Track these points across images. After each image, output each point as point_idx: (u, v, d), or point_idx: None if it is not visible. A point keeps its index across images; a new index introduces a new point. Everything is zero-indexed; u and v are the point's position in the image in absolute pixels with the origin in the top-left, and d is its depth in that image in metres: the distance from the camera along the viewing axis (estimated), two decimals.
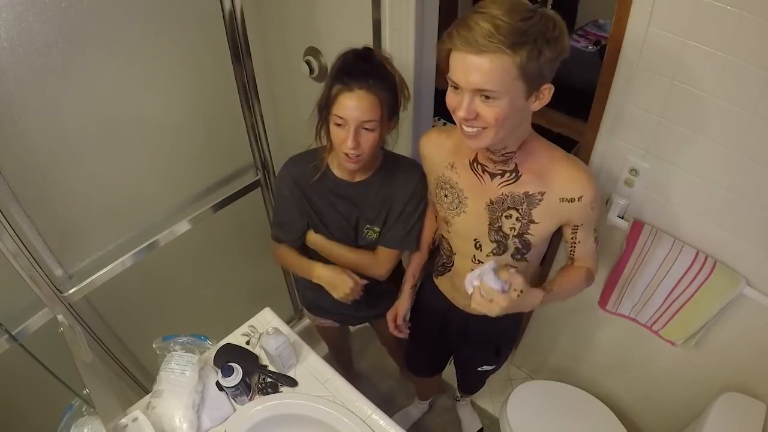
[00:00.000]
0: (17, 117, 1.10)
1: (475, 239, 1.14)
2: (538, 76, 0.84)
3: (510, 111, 0.86)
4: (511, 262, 1.14)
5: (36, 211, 1.20)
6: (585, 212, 1.04)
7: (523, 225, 1.06)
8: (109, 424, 1.04)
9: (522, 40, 0.79)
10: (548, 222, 1.06)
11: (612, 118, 1.22)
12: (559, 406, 1.65)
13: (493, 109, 0.86)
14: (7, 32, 1.01)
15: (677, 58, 1.04)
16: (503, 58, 0.80)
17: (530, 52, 0.80)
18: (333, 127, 1.10)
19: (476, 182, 1.08)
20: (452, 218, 1.15)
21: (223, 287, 1.90)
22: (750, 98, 0.99)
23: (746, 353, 1.31)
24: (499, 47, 0.79)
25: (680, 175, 1.19)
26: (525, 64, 0.81)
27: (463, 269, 1.21)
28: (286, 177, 1.27)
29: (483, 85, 0.83)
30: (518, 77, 0.83)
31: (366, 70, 1.07)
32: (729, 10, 0.93)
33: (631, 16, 1.06)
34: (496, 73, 0.81)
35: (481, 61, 0.81)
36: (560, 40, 0.84)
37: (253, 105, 1.50)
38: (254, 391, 1.21)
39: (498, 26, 0.78)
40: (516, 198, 1.04)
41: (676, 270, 1.26)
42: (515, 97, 0.85)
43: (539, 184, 1.02)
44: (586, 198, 1.01)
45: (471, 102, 0.87)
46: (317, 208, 1.27)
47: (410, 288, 1.40)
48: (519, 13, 0.80)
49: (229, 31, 1.34)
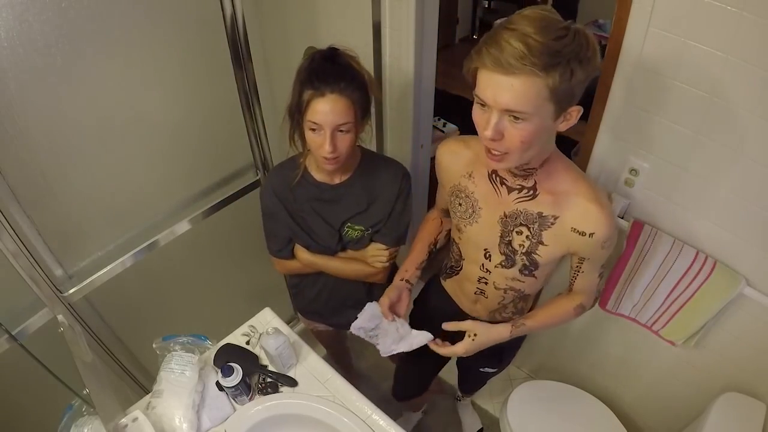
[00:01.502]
0: (17, 117, 1.10)
1: (486, 249, 1.13)
2: (569, 96, 0.82)
3: (537, 133, 0.84)
4: (518, 276, 1.12)
5: (36, 211, 1.20)
6: (595, 249, 1.01)
7: (532, 244, 1.04)
8: (109, 424, 1.04)
9: (555, 62, 0.76)
10: (557, 246, 1.03)
11: (612, 118, 1.22)
12: (559, 406, 1.65)
13: (520, 131, 0.83)
14: (7, 32, 1.01)
15: (677, 58, 1.04)
16: (535, 80, 0.77)
17: (563, 74, 0.77)
18: (308, 132, 1.10)
19: (493, 193, 1.05)
20: (464, 227, 1.13)
21: (223, 287, 1.90)
22: (750, 98, 0.99)
23: (746, 353, 1.31)
24: (532, 69, 0.76)
25: (680, 175, 1.19)
26: (557, 86, 0.78)
27: (472, 275, 1.20)
28: (268, 189, 1.29)
29: (513, 107, 0.80)
30: (548, 99, 0.80)
31: (335, 72, 1.06)
32: (729, 10, 0.93)
33: (631, 16, 1.06)
34: (528, 94, 0.79)
35: (512, 81, 0.78)
36: (593, 60, 0.80)
37: (253, 105, 1.50)
38: (254, 391, 1.21)
39: (530, 46, 0.75)
40: (529, 216, 1.02)
41: (676, 270, 1.26)
42: (544, 118, 0.83)
43: (554, 207, 0.99)
44: (598, 236, 0.97)
45: (499, 121, 0.83)
46: (300, 216, 1.28)
47: (401, 280, 1.25)
48: (552, 32, 0.76)
49: (229, 31, 1.34)
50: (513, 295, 1.19)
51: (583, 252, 1.03)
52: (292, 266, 1.39)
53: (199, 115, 1.47)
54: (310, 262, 1.33)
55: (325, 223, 1.27)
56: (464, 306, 1.32)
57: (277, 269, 1.43)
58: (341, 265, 1.32)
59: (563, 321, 1.17)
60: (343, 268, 1.33)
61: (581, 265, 1.07)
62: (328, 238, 1.28)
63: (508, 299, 1.21)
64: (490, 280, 1.18)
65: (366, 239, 1.29)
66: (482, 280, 1.19)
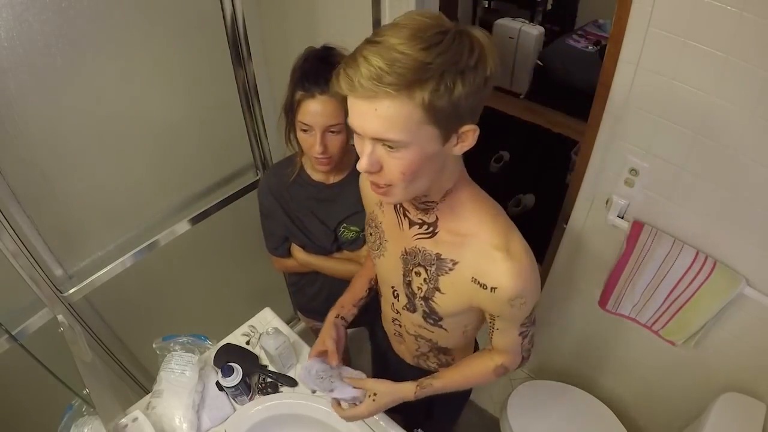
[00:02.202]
0: (17, 117, 1.10)
1: (393, 287, 1.00)
2: (454, 115, 0.67)
3: (420, 162, 0.70)
4: (424, 324, 0.98)
5: (36, 211, 1.21)
6: (501, 307, 0.82)
7: (429, 289, 0.89)
8: (109, 424, 1.04)
9: (422, 77, 0.62)
10: (456, 297, 0.87)
11: (612, 118, 1.22)
12: (559, 406, 1.65)
13: (398, 162, 0.69)
14: (7, 32, 1.01)
15: (677, 58, 1.04)
16: (401, 102, 0.63)
17: (435, 90, 0.63)
18: (300, 132, 1.11)
19: (396, 226, 0.92)
20: (375, 259, 1.02)
21: (223, 287, 1.90)
22: (750, 98, 0.99)
23: (746, 353, 1.31)
24: (389, 91, 0.62)
25: (680, 175, 1.19)
26: (431, 105, 0.64)
27: (387, 314, 1.10)
28: (264, 188, 1.29)
29: (383, 134, 0.66)
30: (425, 121, 0.65)
31: (326, 73, 1.04)
32: (729, 10, 0.93)
33: (631, 16, 1.06)
34: (396, 120, 0.64)
35: (374, 106, 0.64)
36: (481, 67, 0.65)
37: (253, 105, 1.50)
38: (254, 391, 1.21)
39: (393, 60, 0.61)
40: (427, 256, 0.87)
41: (676, 270, 1.26)
42: (426, 143, 0.68)
43: (454, 250, 0.83)
44: (502, 293, 0.79)
45: (373, 151, 0.70)
46: (296, 216, 1.28)
47: (336, 316, 1.10)
48: (422, 40, 0.62)
49: (229, 31, 1.34)
50: (428, 345, 1.06)
51: (489, 308, 0.85)
52: (289, 265, 1.39)
53: (199, 114, 1.47)
54: (306, 261, 1.34)
55: (321, 222, 1.27)
56: (393, 346, 1.21)
57: (275, 267, 1.44)
58: (336, 265, 1.33)
59: (481, 382, 1.01)
60: (338, 269, 1.33)
61: (494, 322, 0.89)
62: (324, 237, 1.28)
63: (424, 348, 1.08)
64: (401, 323, 1.06)
65: (361, 241, 1.29)
66: (395, 321, 1.08)
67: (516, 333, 0.90)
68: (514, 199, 2.82)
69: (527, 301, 0.81)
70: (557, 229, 1.58)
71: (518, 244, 0.80)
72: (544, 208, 2.75)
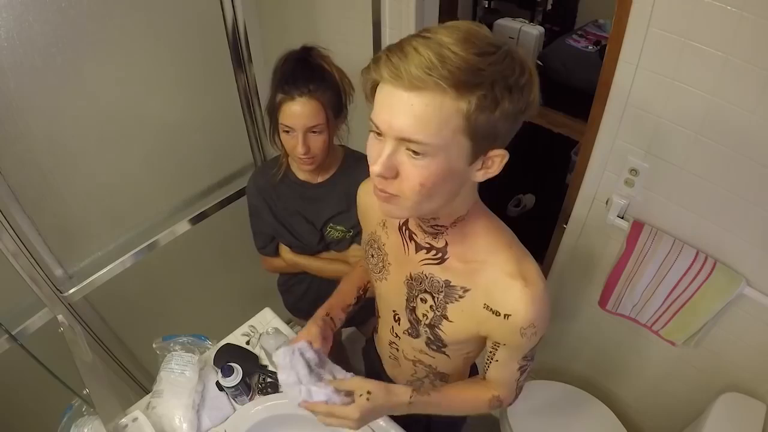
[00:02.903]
0: (17, 117, 1.10)
1: (394, 311, 0.95)
2: (490, 134, 0.61)
3: (443, 176, 0.63)
4: (425, 349, 0.93)
5: (36, 211, 1.21)
6: (512, 335, 0.78)
7: (435, 317, 0.85)
8: (109, 424, 1.04)
9: (474, 81, 0.57)
10: (464, 325, 0.82)
11: (612, 118, 1.22)
12: (559, 406, 1.65)
13: (420, 170, 0.62)
14: (7, 32, 1.01)
15: (677, 58, 1.04)
16: (444, 101, 0.58)
17: (483, 99, 0.58)
18: (282, 134, 1.13)
19: (401, 249, 0.86)
20: (375, 282, 0.96)
21: (223, 287, 1.90)
22: (750, 98, 0.99)
23: (746, 353, 1.31)
24: (440, 83, 0.56)
25: (680, 175, 1.19)
26: (474, 114, 0.58)
27: (384, 337, 1.04)
28: (252, 188, 1.31)
29: (412, 134, 0.60)
30: (462, 131, 0.60)
31: (304, 75, 1.07)
32: (729, 10, 0.93)
33: (631, 16, 1.06)
34: (433, 119, 0.58)
35: (413, 100, 0.58)
36: (527, 91, 0.61)
37: (253, 106, 1.50)
38: (254, 391, 1.21)
39: (444, 57, 0.56)
40: (435, 283, 0.82)
41: (676, 270, 1.26)
42: (454, 157, 0.62)
43: (465, 277, 0.79)
44: (516, 320, 0.75)
45: (393, 154, 0.63)
46: (283, 215, 1.29)
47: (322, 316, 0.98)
48: (475, 45, 0.58)
49: (229, 32, 1.34)
50: (425, 370, 1.00)
51: (497, 336, 0.81)
52: (277, 264, 1.41)
53: (200, 115, 1.47)
54: (293, 261, 1.35)
55: (307, 222, 1.28)
56: (387, 368, 1.15)
57: (264, 267, 1.45)
58: (323, 265, 1.33)
59: (474, 409, 0.93)
60: (325, 268, 1.33)
61: (495, 352, 0.84)
62: (310, 237, 1.29)
63: (421, 374, 1.02)
64: (399, 347, 1.01)
65: (348, 241, 1.29)
66: (393, 345, 1.02)
67: (516, 366, 0.85)
68: (514, 199, 2.81)
69: (538, 331, 0.77)
70: (557, 229, 1.58)
71: (533, 271, 0.76)
72: (544, 208, 2.76)
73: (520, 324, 0.75)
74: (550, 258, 1.65)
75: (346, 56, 1.20)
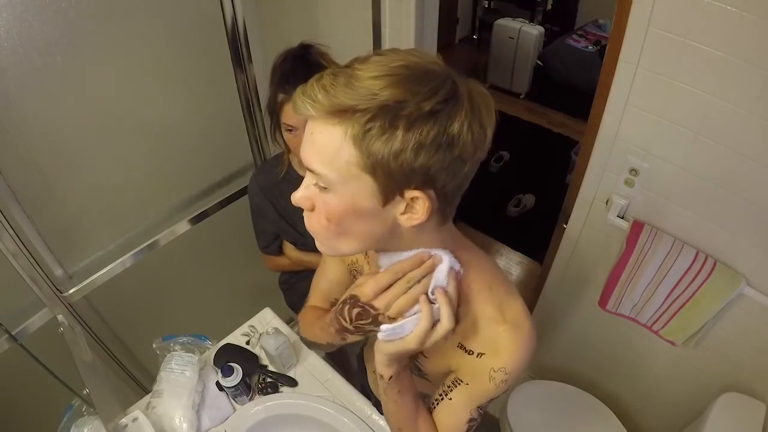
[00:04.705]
0: (17, 117, 1.10)
1: None
2: (397, 171, 0.53)
3: (348, 213, 0.57)
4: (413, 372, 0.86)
5: (36, 211, 1.21)
6: (478, 375, 0.70)
7: None
8: (109, 424, 1.04)
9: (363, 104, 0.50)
10: (439, 361, 0.77)
11: (612, 118, 1.22)
12: (559, 406, 1.65)
13: (325, 205, 0.58)
14: (7, 32, 1.01)
15: (677, 58, 1.04)
16: (335, 128, 0.52)
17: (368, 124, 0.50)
18: (285, 132, 1.13)
19: None
20: None
21: (223, 287, 1.90)
22: (750, 98, 0.99)
23: (746, 353, 1.31)
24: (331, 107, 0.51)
25: (680, 175, 1.19)
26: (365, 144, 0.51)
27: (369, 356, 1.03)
28: (254, 187, 1.30)
29: (309, 164, 0.56)
30: (358, 164, 0.53)
31: (304, 74, 1.07)
32: (729, 10, 0.93)
33: (631, 16, 1.06)
34: (326, 148, 0.54)
35: (308, 135, 0.55)
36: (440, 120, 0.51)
37: (253, 106, 1.50)
38: (254, 391, 1.21)
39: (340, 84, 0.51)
40: None
41: (676, 270, 1.26)
42: (357, 195, 0.56)
43: None
44: (487, 360, 0.68)
45: (308, 186, 0.60)
46: (286, 213, 1.29)
47: None
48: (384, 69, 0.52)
49: (229, 32, 1.34)
50: None
51: (463, 374, 0.73)
52: (281, 263, 1.40)
53: (200, 115, 1.47)
54: (299, 259, 1.34)
55: None
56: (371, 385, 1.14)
57: (267, 267, 1.44)
58: None
59: None
60: None
61: (453, 389, 0.74)
62: None
63: None
64: None
65: None
66: None
67: (466, 417, 0.74)
68: (514, 199, 2.82)
69: (509, 379, 0.69)
70: (557, 229, 1.58)
71: (516, 312, 0.69)
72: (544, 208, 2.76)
73: (492, 365, 0.68)
74: (550, 258, 1.65)
75: (346, 56, 1.20)
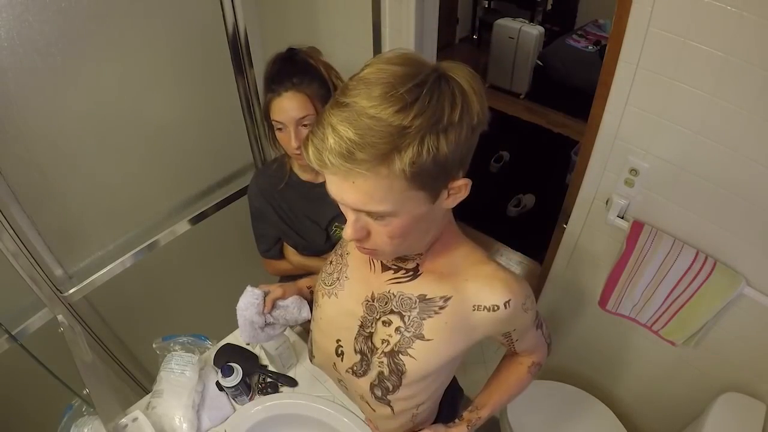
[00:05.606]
0: (17, 117, 1.10)
1: (338, 341, 0.85)
2: (441, 174, 0.60)
3: (410, 225, 0.64)
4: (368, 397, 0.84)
5: (36, 211, 1.21)
6: (517, 318, 0.77)
7: (403, 340, 0.76)
8: (109, 424, 1.04)
9: (400, 144, 0.55)
10: (446, 341, 0.76)
11: (612, 118, 1.22)
12: (559, 406, 1.65)
13: (386, 228, 0.64)
14: (7, 32, 1.01)
15: (677, 58, 1.04)
16: (380, 171, 0.56)
17: (418, 155, 0.56)
18: (277, 132, 1.14)
19: (366, 265, 0.82)
20: (321, 297, 0.87)
21: (224, 287, 1.89)
22: (750, 98, 0.99)
23: (746, 353, 1.31)
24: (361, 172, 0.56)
25: (680, 175, 1.19)
26: (414, 170, 0.56)
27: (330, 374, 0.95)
28: (254, 190, 1.30)
29: (363, 207, 0.61)
30: (409, 188, 0.59)
31: (288, 71, 1.09)
32: (729, 10, 0.93)
33: (631, 16, 1.06)
34: (376, 193, 0.58)
35: (348, 184, 0.58)
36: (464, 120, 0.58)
37: (253, 106, 1.50)
38: (254, 391, 1.21)
39: (363, 131, 0.54)
40: (405, 301, 0.76)
41: (676, 270, 1.26)
42: (413, 208, 0.62)
43: (443, 286, 0.75)
44: (515, 301, 0.74)
45: (358, 219, 0.64)
46: (288, 216, 1.29)
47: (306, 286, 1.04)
48: (396, 99, 0.55)
49: (230, 34, 1.34)
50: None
51: (502, 328, 0.79)
52: (282, 267, 1.40)
53: (200, 116, 1.47)
54: (300, 263, 1.34)
55: (312, 222, 1.28)
56: None
57: (267, 271, 1.44)
58: None
59: (521, 389, 0.97)
60: None
61: (510, 338, 0.83)
62: (316, 236, 1.29)
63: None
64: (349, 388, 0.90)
65: None
66: (341, 383, 0.92)
67: (534, 329, 0.85)
68: (514, 199, 2.82)
69: (532, 301, 0.79)
70: (557, 229, 1.58)
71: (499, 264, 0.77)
72: (544, 208, 2.76)
73: (520, 302, 0.75)
74: (550, 258, 1.65)
75: (346, 58, 1.21)
